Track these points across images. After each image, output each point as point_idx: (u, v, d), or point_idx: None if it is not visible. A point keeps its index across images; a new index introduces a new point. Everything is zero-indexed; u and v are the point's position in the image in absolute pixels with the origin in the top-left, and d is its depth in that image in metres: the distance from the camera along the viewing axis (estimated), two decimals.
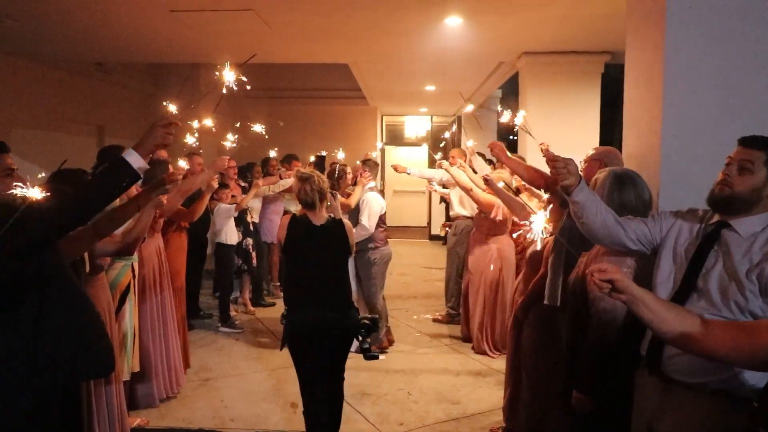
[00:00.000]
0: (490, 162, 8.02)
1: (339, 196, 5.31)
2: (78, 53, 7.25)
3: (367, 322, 3.34)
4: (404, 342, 5.77)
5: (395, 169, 6.35)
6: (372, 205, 5.32)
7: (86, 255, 2.84)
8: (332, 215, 3.42)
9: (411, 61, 7.40)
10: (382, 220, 5.47)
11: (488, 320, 5.34)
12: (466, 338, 5.68)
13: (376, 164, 5.62)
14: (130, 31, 5.90)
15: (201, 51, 6.99)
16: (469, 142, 5.43)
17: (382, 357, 3.40)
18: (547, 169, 3.83)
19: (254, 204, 6.85)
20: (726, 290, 1.85)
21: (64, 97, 8.02)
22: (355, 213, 5.36)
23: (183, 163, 3.92)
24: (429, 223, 14.17)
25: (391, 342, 5.58)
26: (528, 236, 1.94)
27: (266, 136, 4.62)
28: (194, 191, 4.50)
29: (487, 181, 4.18)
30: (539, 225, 1.93)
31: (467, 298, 5.65)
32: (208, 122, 3.66)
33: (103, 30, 5.83)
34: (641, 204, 2.34)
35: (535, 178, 3.40)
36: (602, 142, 6.25)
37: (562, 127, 6.08)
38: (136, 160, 2.04)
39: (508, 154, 3.61)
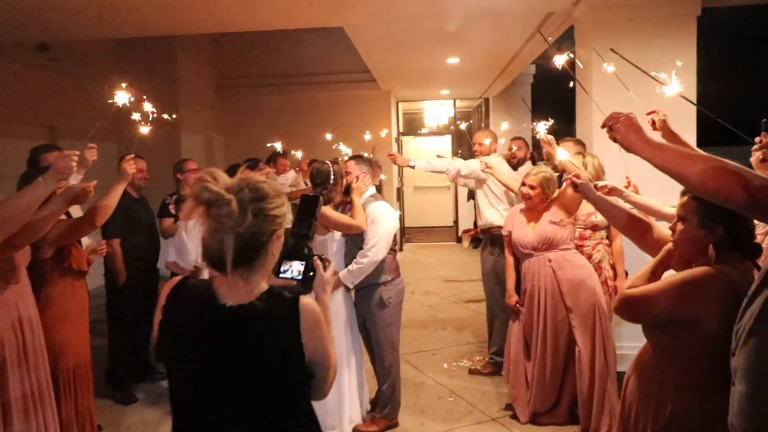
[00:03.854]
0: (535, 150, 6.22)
1: (333, 213, 3.58)
2: (12, 33, 5.62)
3: None
4: (432, 413, 4.00)
5: (393, 160, 4.61)
6: (381, 221, 3.56)
7: None
8: (276, 286, 1.51)
9: (426, 21, 5.62)
10: (393, 239, 3.72)
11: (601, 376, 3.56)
12: (519, 409, 3.88)
13: (371, 162, 3.87)
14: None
15: (162, 22, 5.32)
16: (541, 127, 3.62)
17: None
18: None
19: None
20: None
21: (3, 92, 6.43)
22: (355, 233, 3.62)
23: None
24: (456, 223, 12.36)
25: (394, 423, 3.82)
26: None
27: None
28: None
29: (576, 185, 2.43)
30: None
31: (532, 344, 3.84)
32: None
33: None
34: None
35: None
36: (704, 112, 4.39)
37: (644, 96, 4.23)
38: None
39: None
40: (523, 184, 3.84)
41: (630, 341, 4.42)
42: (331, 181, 3.62)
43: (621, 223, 2.30)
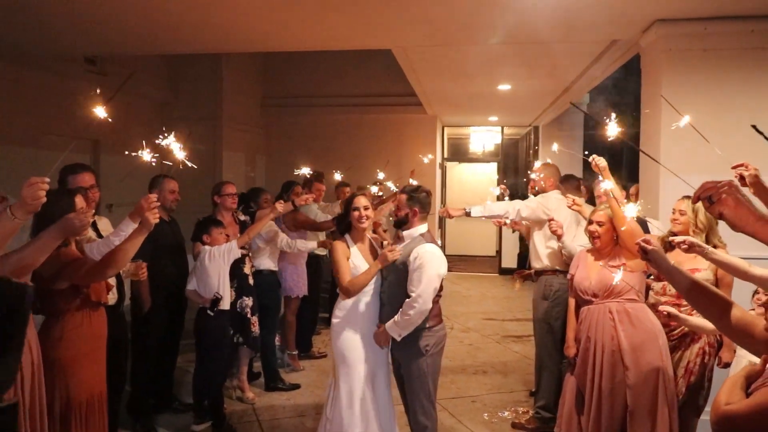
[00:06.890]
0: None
1: (337, 257, 3.31)
2: (59, 45, 5.60)
3: None
4: None
5: (445, 214, 4.34)
6: (429, 267, 3.18)
7: None
8: None
9: (479, 47, 5.35)
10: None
11: None
12: None
13: (427, 195, 3.50)
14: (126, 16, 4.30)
15: (205, 40, 5.20)
16: (605, 184, 3.32)
17: None
18: None
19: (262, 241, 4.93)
20: None
21: (46, 105, 6.40)
22: (397, 271, 3.31)
23: None
24: (499, 253, 11.90)
25: None
26: None
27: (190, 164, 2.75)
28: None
29: (646, 251, 2.02)
30: None
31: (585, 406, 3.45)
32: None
33: (91, 14, 4.26)
34: None
35: None
36: None
37: (726, 137, 3.84)
38: None
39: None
40: (590, 222, 3.48)
41: None
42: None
43: (701, 304, 1.84)
